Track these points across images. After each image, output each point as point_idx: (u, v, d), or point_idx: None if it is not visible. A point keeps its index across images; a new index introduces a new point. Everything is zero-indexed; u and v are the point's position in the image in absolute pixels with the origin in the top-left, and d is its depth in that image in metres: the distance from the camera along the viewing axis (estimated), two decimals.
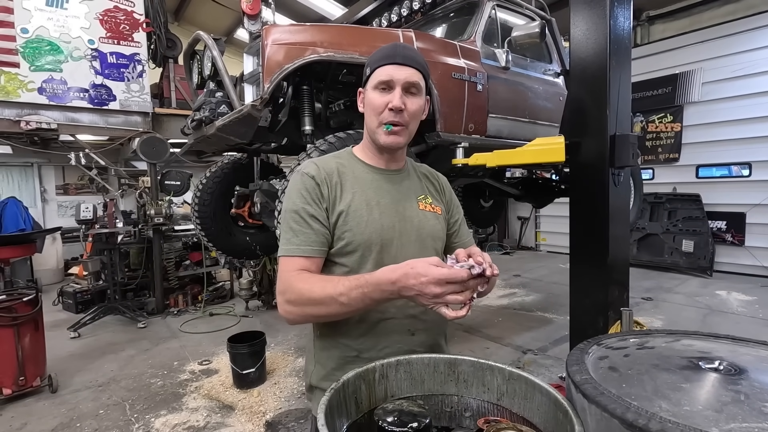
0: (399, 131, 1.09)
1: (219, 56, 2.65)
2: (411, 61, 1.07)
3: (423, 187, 1.24)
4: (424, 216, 1.17)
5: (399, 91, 1.06)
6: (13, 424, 3.03)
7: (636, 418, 0.56)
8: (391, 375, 0.95)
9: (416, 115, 1.11)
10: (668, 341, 0.82)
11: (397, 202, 1.15)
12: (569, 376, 0.71)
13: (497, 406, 0.92)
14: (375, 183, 1.14)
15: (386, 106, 1.06)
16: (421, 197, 1.20)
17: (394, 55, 1.07)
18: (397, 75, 1.06)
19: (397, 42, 1.21)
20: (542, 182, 4.90)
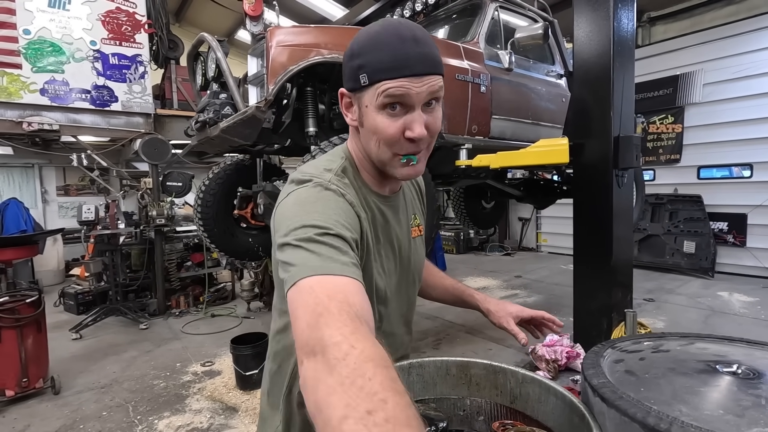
0: (419, 158, 0.81)
1: (223, 58, 2.65)
2: (431, 67, 0.75)
3: (412, 203, 1.03)
4: (416, 246, 0.99)
5: (419, 113, 0.76)
6: (16, 425, 3.02)
7: (657, 423, 0.56)
8: (404, 377, 0.95)
9: (437, 131, 0.82)
10: (682, 344, 0.81)
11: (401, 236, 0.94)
12: (586, 379, 0.71)
13: (510, 409, 0.92)
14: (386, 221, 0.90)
15: (401, 133, 0.77)
16: (413, 220, 1.00)
17: (407, 60, 0.73)
18: (416, 89, 0.74)
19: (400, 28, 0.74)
20: (544, 183, 4.91)
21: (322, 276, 0.60)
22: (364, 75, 0.76)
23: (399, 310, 0.97)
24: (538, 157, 2.87)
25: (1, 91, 4.65)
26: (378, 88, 0.75)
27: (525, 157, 2.90)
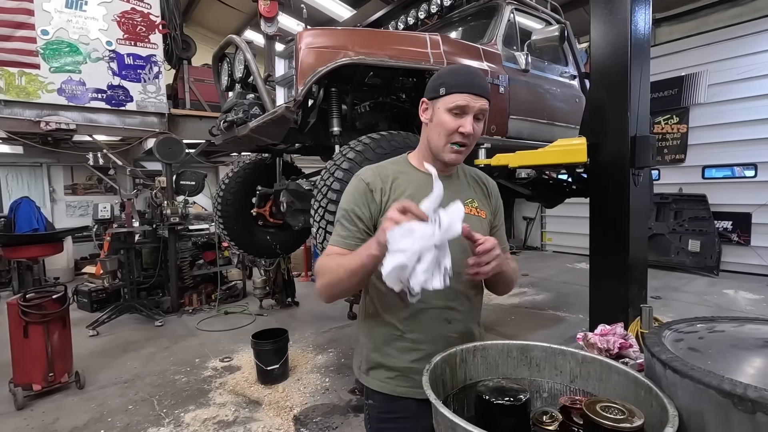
0: (463, 151, 1.20)
1: (253, 59, 2.72)
2: (485, 92, 1.16)
3: (471, 190, 1.31)
4: (467, 219, 1.16)
5: (471, 119, 1.15)
6: (45, 419, 3.09)
7: (733, 388, 0.63)
8: (469, 360, 1.02)
9: (478, 137, 1.22)
10: (735, 326, 0.89)
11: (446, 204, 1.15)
12: (654, 355, 0.78)
13: (569, 387, 0.99)
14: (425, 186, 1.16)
15: (457, 129, 1.15)
16: (468, 200, 1.27)
17: (472, 85, 1.14)
18: (473, 104, 1.14)
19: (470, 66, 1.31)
20: (553, 183, 4.98)
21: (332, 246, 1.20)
22: (443, 88, 1.17)
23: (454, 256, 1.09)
24: (557, 157, 2.93)
25: (20, 91, 4.71)
26: (449, 98, 1.16)
27: (544, 156, 2.97)
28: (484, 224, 1.26)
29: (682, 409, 0.71)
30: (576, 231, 8.52)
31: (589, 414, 0.74)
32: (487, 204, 1.30)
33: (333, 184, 2.28)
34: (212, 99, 6.23)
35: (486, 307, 5.58)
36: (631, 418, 0.72)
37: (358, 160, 2.32)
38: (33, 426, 3.00)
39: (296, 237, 4.28)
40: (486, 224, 1.27)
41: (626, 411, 0.74)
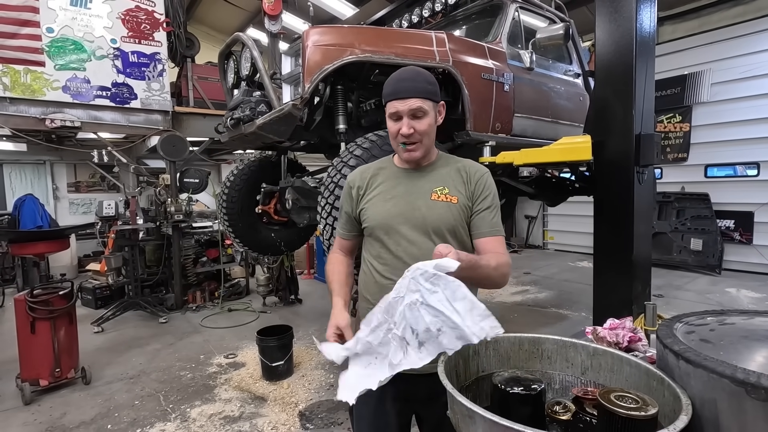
0: (413, 147, 1.31)
1: (259, 57, 2.74)
2: (411, 93, 1.27)
3: (446, 179, 1.38)
4: (433, 205, 1.33)
5: (406, 120, 1.27)
6: (53, 413, 3.12)
7: (746, 377, 0.65)
8: (481, 352, 1.04)
9: (426, 132, 1.31)
10: (745, 319, 0.90)
11: (410, 194, 1.36)
12: (666, 346, 0.80)
13: (581, 379, 1.01)
14: (397, 180, 1.40)
15: (398, 131, 1.29)
16: (438, 188, 1.36)
17: (397, 91, 1.28)
18: (402, 108, 1.27)
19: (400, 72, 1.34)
20: (556, 181, 4.99)
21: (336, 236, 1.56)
22: (383, 98, 1.33)
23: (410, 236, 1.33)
24: (562, 154, 2.95)
25: (25, 89, 4.73)
26: (387, 108, 1.32)
27: (548, 154, 2.99)
28: (452, 209, 1.33)
29: (695, 398, 0.73)
30: (578, 229, 8.53)
31: (604, 403, 0.75)
32: (463, 190, 1.36)
33: (340, 181, 2.30)
34: (215, 97, 6.25)
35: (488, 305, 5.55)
36: (646, 407, 0.73)
37: (364, 157, 2.34)
38: (41, 421, 3.02)
39: (300, 234, 4.31)
40: (456, 209, 1.34)
41: (640, 400, 0.76)
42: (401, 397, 1.38)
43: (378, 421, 1.41)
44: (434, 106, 1.32)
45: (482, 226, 1.34)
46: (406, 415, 1.45)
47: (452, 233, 1.34)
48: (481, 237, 1.33)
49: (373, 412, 1.41)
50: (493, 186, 1.39)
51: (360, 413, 1.46)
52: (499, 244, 1.33)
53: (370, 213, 1.38)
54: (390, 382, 1.26)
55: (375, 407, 1.40)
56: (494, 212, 1.36)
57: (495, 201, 1.37)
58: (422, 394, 1.35)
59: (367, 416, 1.43)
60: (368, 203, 1.40)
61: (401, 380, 1.30)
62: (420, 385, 1.33)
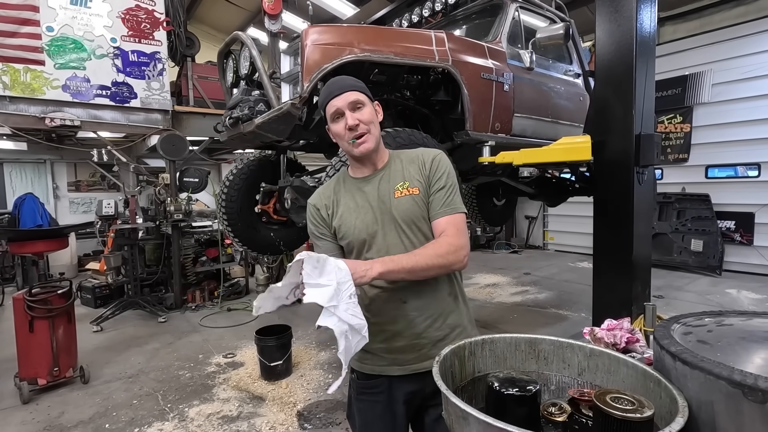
0: (364, 139, 1.29)
1: (258, 56, 2.73)
2: (346, 87, 1.29)
3: (404, 173, 1.36)
4: (399, 203, 1.33)
5: (348, 114, 1.28)
6: (51, 412, 3.11)
7: (743, 378, 0.64)
8: (477, 352, 1.03)
9: (371, 120, 1.30)
10: (743, 320, 0.90)
11: (376, 199, 1.35)
12: (663, 348, 0.79)
13: (577, 380, 1.00)
14: (358, 192, 1.38)
15: (345, 128, 1.28)
16: (399, 185, 1.34)
17: (331, 91, 1.30)
18: (340, 103, 1.28)
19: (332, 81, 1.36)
20: (556, 181, 4.98)
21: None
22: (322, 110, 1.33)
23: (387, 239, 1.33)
24: (561, 154, 2.94)
25: (25, 87, 4.73)
26: (327, 112, 1.31)
27: (548, 154, 2.98)
28: (417, 200, 1.32)
29: (692, 399, 0.72)
30: (578, 230, 8.52)
31: (599, 404, 0.74)
32: (421, 179, 1.34)
33: None
34: (215, 96, 6.25)
35: (488, 305, 5.60)
36: (641, 409, 0.73)
37: None
38: (39, 420, 3.02)
39: (299, 234, 4.29)
40: (419, 199, 1.33)
41: (636, 402, 0.75)
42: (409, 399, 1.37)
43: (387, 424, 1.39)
44: (370, 102, 1.32)
45: (435, 207, 1.32)
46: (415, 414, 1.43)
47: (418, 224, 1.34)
48: (435, 218, 1.32)
49: (381, 415, 1.39)
50: (446, 165, 1.36)
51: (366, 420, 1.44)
52: (452, 223, 1.30)
53: (344, 230, 1.37)
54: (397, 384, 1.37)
55: (383, 412, 1.38)
56: (449, 191, 1.33)
57: (449, 180, 1.34)
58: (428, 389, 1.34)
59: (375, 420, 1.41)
60: (340, 221, 1.38)
61: (409, 381, 1.35)
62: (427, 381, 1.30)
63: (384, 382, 1.38)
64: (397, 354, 1.35)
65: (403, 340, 1.34)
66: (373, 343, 1.30)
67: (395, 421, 1.38)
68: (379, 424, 1.40)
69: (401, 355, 1.35)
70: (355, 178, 1.40)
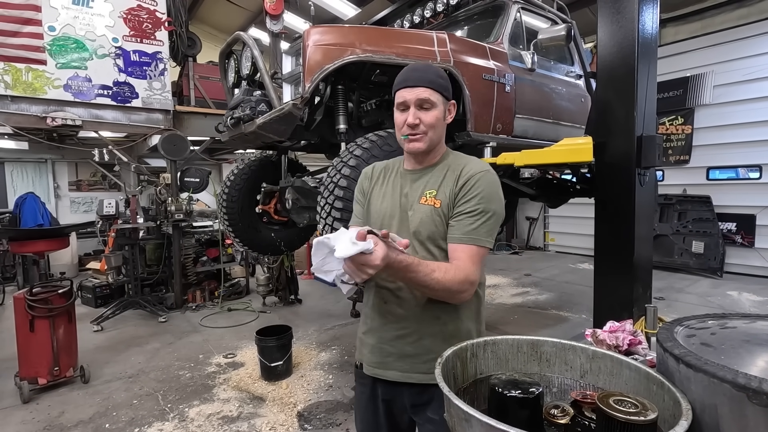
0: (417, 138, 1.26)
1: (260, 57, 2.73)
2: (420, 82, 1.24)
3: (440, 181, 1.29)
4: (419, 209, 1.29)
5: (413, 110, 1.24)
6: (51, 412, 3.11)
7: (748, 382, 0.63)
8: (479, 354, 1.03)
9: (433, 125, 1.25)
10: (746, 323, 0.89)
11: (404, 196, 1.33)
12: (667, 350, 0.78)
13: (580, 383, 1.00)
14: (396, 181, 1.38)
15: (404, 122, 1.25)
16: (429, 191, 1.29)
17: (406, 79, 1.25)
18: (409, 96, 1.24)
19: (413, 65, 1.31)
20: (557, 182, 4.97)
21: None
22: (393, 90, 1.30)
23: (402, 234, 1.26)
24: (563, 156, 2.93)
25: (27, 87, 4.74)
26: (395, 99, 1.28)
27: (549, 155, 2.97)
28: (433, 214, 1.26)
29: (696, 403, 0.72)
30: (579, 231, 8.51)
31: (603, 407, 0.74)
32: (449, 192, 1.25)
33: (340, 181, 2.29)
34: (217, 96, 6.25)
35: (489, 306, 5.59)
36: (645, 412, 0.72)
37: (364, 157, 2.33)
38: (39, 419, 3.02)
39: (300, 234, 4.29)
40: (437, 214, 1.25)
41: (639, 405, 0.74)
42: (388, 400, 1.36)
43: (368, 416, 1.41)
44: (444, 102, 1.26)
45: (455, 230, 1.20)
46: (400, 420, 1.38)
47: (432, 241, 1.25)
48: (452, 242, 1.21)
49: (365, 406, 1.42)
50: (485, 187, 1.22)
51: (356, 406, 1.50)
52: (468, 255, 1.17)
53: (369, 211, 1.39)
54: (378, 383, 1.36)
55: (366, 404, 1.41)
56: (476, 218, 1.19)
57: (482, 205, 1.19)
58: (406, 402, 1.33)
59: (360, 409, 1.46)
60: (370, 199, 1.40)
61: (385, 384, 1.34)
62: (403, 393, 1.32)
63: (367, 377, 1.39)
64: (367, 350, 1.36)
65: (373, 339, 1.34)
66: (360, 331, 1.42)
67: (377, 415, 1.39)
68: (364, 414, 1.43)
69: (369, 354, 1.35)
70: (404, 169, 1.38)
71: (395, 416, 1.38)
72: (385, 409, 1.37)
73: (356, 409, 1.50)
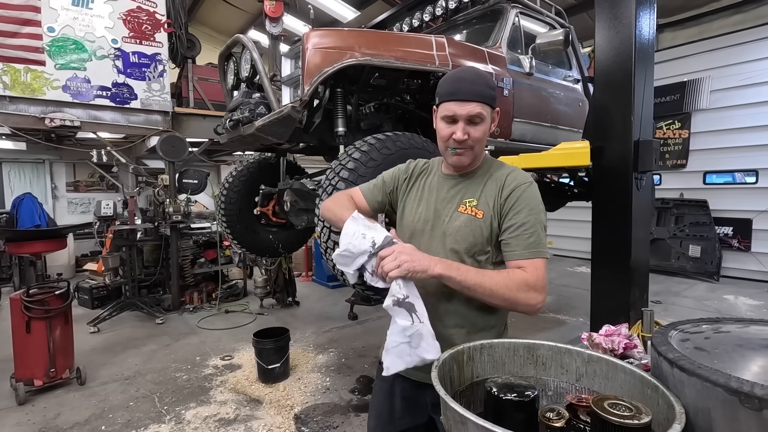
0: (462, 152, 1.23)
1: (259, 59, 2.74)
2: (472, 96, 1.17)
3: (481, 190, 1.26)
4: (456, 217, 1.25)
5: (461, 125, 1.19)
6: (47, 414, 3.10)
7: (740, 386, 0.64)
8: (476, 357, 1.03)
9: (480, 140, 1.22)
10: (740, 327, 0.90)
11: (441, 202, 1.30)
12: (661, 354, 0.79)
13: (575, 386, 1.00)
14: (433, 186, 1.35)
15: (451, 135, 1.20)
16: (468, 200, 1.25)
17: (457, 92, 1.18)
18: (460, 111, 1.18)
19: (461, 71, 1.26)
20: (555, 186, 5.00)
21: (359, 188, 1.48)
22: (438, 97, 1.24)
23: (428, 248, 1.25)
24: (561, 159, 2.95)
25: (25, 87, 4.73)
26: (441, 108, 1.23)
27: (547, 159, 2.99)
28: (474, 224, 1.22)
29: (689, 406, 0.72)
30: (576, 235, 8.53)
31: (597, 410, 0.75)
32: (492, 203, 1.23)
33: (338, 183, 2.30)
34: (216, 98, 6.26)
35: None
36: (639, 415, 0.73)
37: (363, 160, 2.34)
38: (34, 421, 3.01)
39: (299, 236, 4.29)
40: (479, 224, 1.22)
41: (634, 408, 0.75)
42: (408, 398, 1.35)
43: (384, 411, 1.40)
44: (491, 113, 1.22)
45: (516, 246, 1.17)
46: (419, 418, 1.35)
47: (469, 253, 1.22)
48: (514, 259, 1.17)
49: (382, 401, 1.41)
50: (532, 199, 1.21)
51: (373, 400, 1.48)
52: (535, 267, 1.14)
53: (404, 212, 1.37)
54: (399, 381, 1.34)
55: (384, 399, 1.40)
56: (530, 230, 1.18)
57: (532, 217, 1.18)
58: (428, 400, 1.31)
59: (377, 404, 1.44)
60: (405, 200, 1.38)
61: (408, 383, 1.33)
62: (426, 392, 1.30)
63: None
64: None
65: None
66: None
67: (392, 413, 1.37)
68: (380, 409, 1.42)
69: None
70: (443, 173, 1.35)
71: (415, 413, 1.36)
72: (404, 406, 1.36)
73: (372, 403, 1.49)
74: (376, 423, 1.45)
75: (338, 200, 1.43)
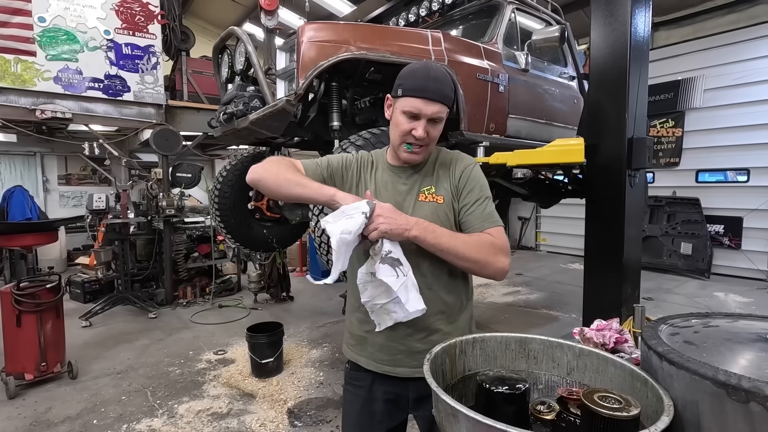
0: (418, 151, 1.24)
1: (254, 52, 2.72)
2: (440, 97, 1.18)
3: (434, 178, 1.30)
4: (420, 207, 1.27)
5: (423, 123, 1.19)
6: (38, 408, 3.08)
7: (727, 379, 0.65)
8: (468, 351, 1.04)
9: (436, 138, 1.25)
10: (729, 321, 0.91)
11: (399, 194, 1.30)
12: (651, 348, 0.80)
13: (566, 379, 1.01)
14: (386, 179, 1.34)
15: (410, 131, 1.20)
16: (426, 188, 1.29)
17: (426, 89, 1.17)
18: (425, 110, 1.18)
19: (429, 68, 1.22)
20: (549, 183, 5.01)
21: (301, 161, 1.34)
22: (401, 89, 1.21)
23: None
24: (555, 156, 2.96)
25: (16, 79, 4.66)
26: (404, 101, 1.20)
27: (542, 155, 2.99)
28: (439, 210, 1.26)
29: (678, 399, 0.73)
30: (570, 232, 8.58)
31: (587, 403, 0.75)
32: (448, 187, 1.28)
33: None
34: (210, 91, 6.19)
35: (480, 305, 5.62)
36: (628, 408, 0.74)
37: None
38: (25, 415, 2.99)
39: (293, 231, 4.28)
40: (442, 209, 1.26)
41: (623, 401, 0.76)
42: (390, 399, 1.34)
43: (363, 420, 1.37)
44: (447, 113, 1.24)
45: (474, 220, 1.23)
46: (398, 417, 1.37)
47: None
48: (475, 231, 1.22)
49: (359, 410, 1.37)
50: (479, 177, 1.30)
51: (346, 410, 1.43)
52: (497, 233, 1.22)
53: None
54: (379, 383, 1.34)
55: (362, 407, 1.37)
56: (485, 203, 1.26)
57: (484, 192, 1.27)
58: (411, 396, 1.32)
59: (353, 414, 1.40)
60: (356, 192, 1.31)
61: (389, 382, 1.32)
62: (408, 387, 1.30)
63: (367, 378, 1.35)
64: (375, 349, 1.32)
65: (381, 338, 1.28)
66: (359, 331, 1.35)
67: (372, 419, 1.35)
68: (357, 418, 1.39)
69: (377, 352, 1.31)
70: (390, 164, 1.34)
71: (394, 415, 1.36)
72: (385, 409, 1.34)
73: (348, 413, 1.43)
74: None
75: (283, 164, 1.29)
